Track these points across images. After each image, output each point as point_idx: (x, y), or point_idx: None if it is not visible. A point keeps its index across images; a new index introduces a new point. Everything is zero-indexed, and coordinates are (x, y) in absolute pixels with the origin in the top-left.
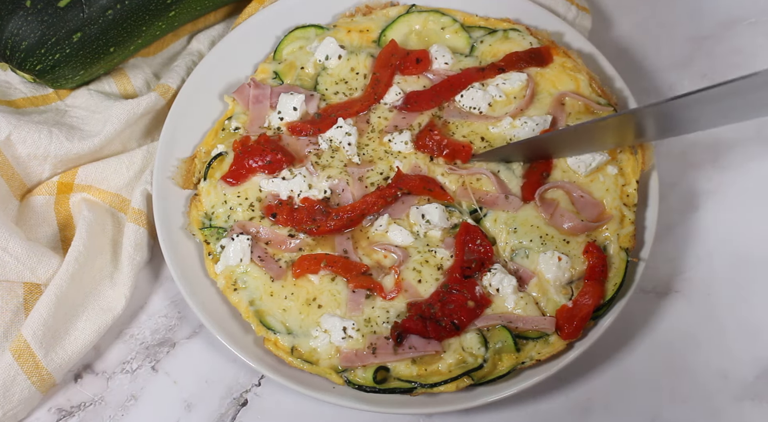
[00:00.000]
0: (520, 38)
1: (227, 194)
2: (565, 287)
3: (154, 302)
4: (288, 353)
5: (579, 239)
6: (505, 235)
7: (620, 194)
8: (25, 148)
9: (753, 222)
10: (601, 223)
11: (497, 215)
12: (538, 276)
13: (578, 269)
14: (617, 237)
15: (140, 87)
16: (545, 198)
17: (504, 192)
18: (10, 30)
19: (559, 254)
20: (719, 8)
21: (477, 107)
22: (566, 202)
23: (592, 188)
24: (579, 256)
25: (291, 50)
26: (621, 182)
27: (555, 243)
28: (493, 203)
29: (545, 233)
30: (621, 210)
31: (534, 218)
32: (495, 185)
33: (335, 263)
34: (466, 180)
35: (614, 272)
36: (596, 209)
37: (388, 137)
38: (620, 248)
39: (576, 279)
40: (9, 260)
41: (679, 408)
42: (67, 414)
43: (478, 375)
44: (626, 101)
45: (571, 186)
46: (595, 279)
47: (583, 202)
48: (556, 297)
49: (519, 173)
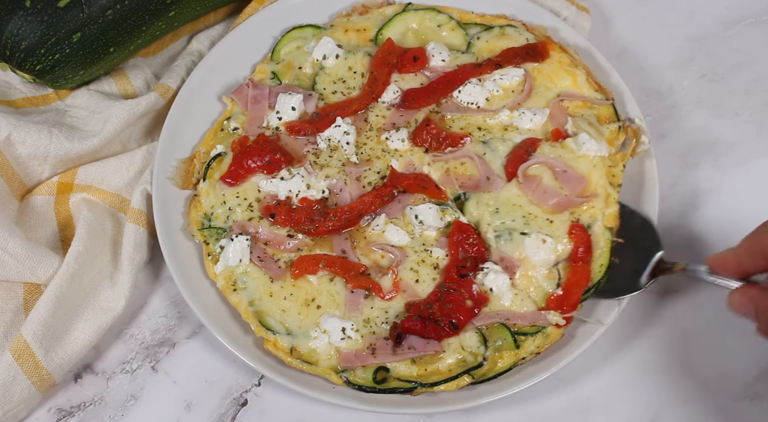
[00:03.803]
0: (516, 34)
1: (226, 194)
2: (551, 269)
3: (154, 302)
4: (287, 353)
5: (563, 218)
6: (488, 216)
7: (606, 173)
8: (25, 148)
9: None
10: (587, 198)
11: (479, 196)
12: (524, 264)
13: (563, 249)
14: (602, 216)
15: (140, 87)
16: (528, 175)
17: (487, 174)
18: (10, 30)
19: (543, 237)
20: (719, 8)
21: (475, 101)
22: (549, 178)
23: (578, 164)
24: (563, 236)
25: (289, 50)
26: (608, 163)
27: (538, 223)
28: (476, 187)
29: (528, 212)
30: (606, 188)
31: (516, 197)
32: (479, 166)
33: (334, 264)
34: (450, 166)
35: (600, 253)
36: (580, 184)
37: (386, 135)
38: (605, 228)
39: (561, 260)
40: (9, 260)
41: (679, 408)
42: (67, 414)
43: (479, 374)
44: (622, 96)
45: (555, 161)
46: (582, 261)
47: (567, 176)
48: (545, 284)
49: (503, 154)
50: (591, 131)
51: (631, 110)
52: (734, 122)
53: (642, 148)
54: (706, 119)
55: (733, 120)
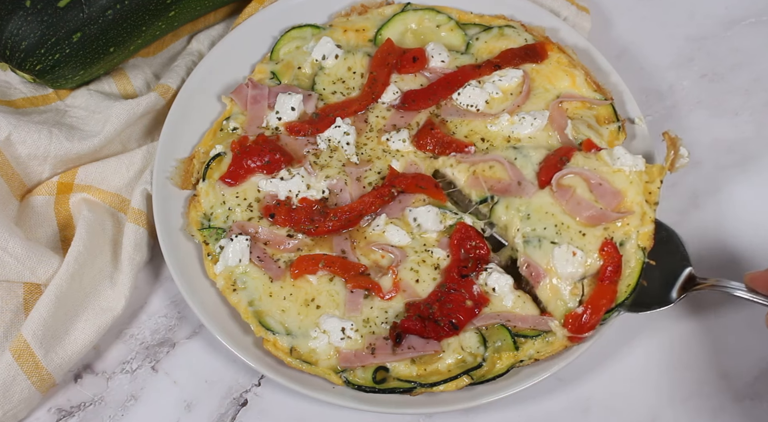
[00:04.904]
0: (515, 35)
1: (226, 194)
2: (575, 284)
3: (154, 302)
4: (287, 353)
5: (596, 233)
6: (518, 221)
7: (643, 190)
8: (25, 148)
9: (753, 222)
10: (623, 214)
11: (509, 201)
12: (550, 275)
13: (591, 264)
14: (636, 234)
15: (140, 87)
16: (562, 184)
17: (518, 179)
18: (10, 30)
19: (573, 249)
20: (719, 8)
21: (474, 104)
22: (583, 189)
23: (614, 179)
24: (594, 251)
25: (288, 50)
26: (645, 178)
27: (570, 234)
28: (506, 190)
29: (561, 222)
30: (642, 206)
31: (549, 205)
32: (509, 171)
33: (333, 264)
34: (478, 169)
35: (629, 272)
36: (615, 199)
37: (387, 136)
38: (638, 247)
39: (588, 276)
40: (9, 260)
41: (679, 408)
42: (67, 414)
43: (478, 374)
44: (622, 96)
45: (591, 173)
46: (610, 281)
47: (602, 190)
48: (568, 299)
49: (536, 161)
50: (591, 134)
51: (631, 110)
52: (734, 122)
53: (681, 161)
54: (706, 118)
55: (733, 120)
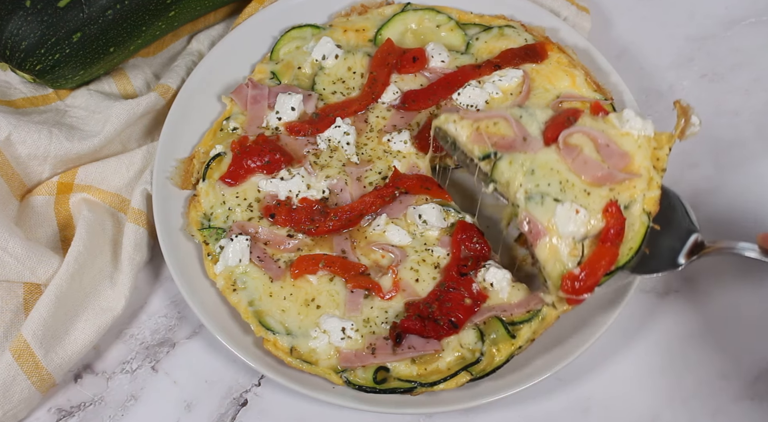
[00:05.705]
0: (515, 35)
1: (226, 194)
2: (575, 244)
3: (154, 302)
4: (287, 353)
5: (602, 193)
6: (521, 177)
7: (651, 155)
8: (25, 148)
9: (753, 222)
10: (630, 176)
11: (513, 156)
12: (550, 234)
13: (594, 225)
14: (642, 198)
15: (140, 87)
16: (569, 143)
17: (523, 134)
18: (10, 30)
19: (577, 207)
20: (719, 8)
21: (474, 104)
22: (590, 149)
23: (622, 141)
24: (597, 212)
25: (288, 50)
26: (653, 145)
27: (575, 192)
28: (510, 146)
29: (566, 179)
30: (649, 171)
31: (555, 162)
32: (514, 127)
33: (333, 264)
34: (481, 125)
35: (632, 236)
36: (623, 161)
37: (388, 137)
38: (643, 211)
39: (589, 237)
40: (9, 260)
41: (679, 408)
42: (67, 414)
43: (477, 369)
44: (622, 96)
45: (598, 133)
46: (612, 243)
47: (609, 151)
48: (566, 260)
49: (542, 120)
50: None
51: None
52: (734, 122)
53: (692, 130)
54: (706, 118)
55: (733, 120)
